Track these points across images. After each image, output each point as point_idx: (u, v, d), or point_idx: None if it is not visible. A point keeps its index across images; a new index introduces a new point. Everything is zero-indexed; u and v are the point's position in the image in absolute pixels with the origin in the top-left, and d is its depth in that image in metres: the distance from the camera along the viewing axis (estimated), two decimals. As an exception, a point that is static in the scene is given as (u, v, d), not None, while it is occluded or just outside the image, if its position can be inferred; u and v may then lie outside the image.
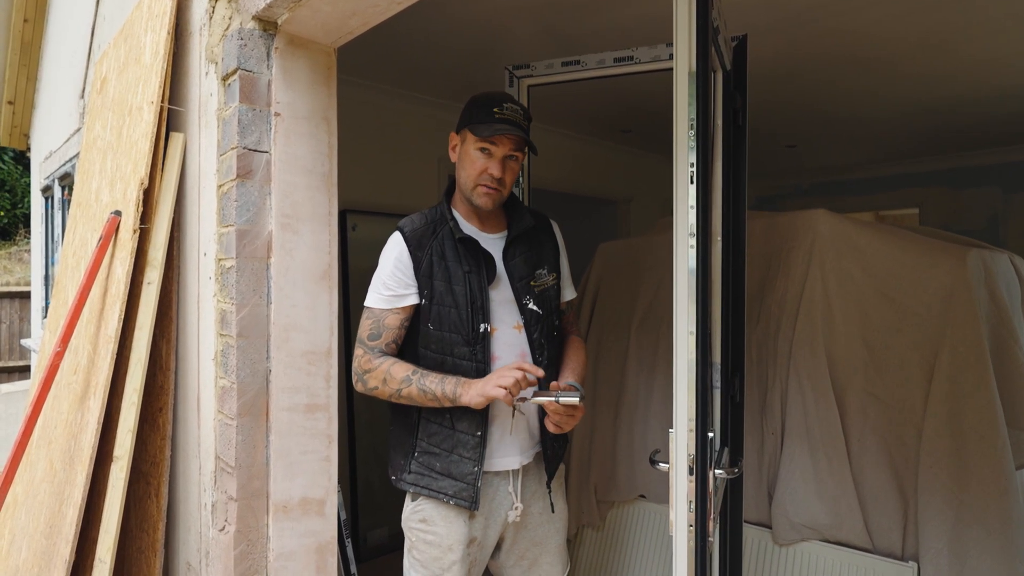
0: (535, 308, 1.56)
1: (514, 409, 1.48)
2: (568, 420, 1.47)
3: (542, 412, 1.55)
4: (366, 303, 1.51)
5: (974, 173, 5.10)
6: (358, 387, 1.50)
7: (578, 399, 1.41)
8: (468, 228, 1.56)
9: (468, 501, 1.47)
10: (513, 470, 1.55)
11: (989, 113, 3.90)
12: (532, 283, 1.57)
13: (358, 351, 1.50)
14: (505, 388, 1.34)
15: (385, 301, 1.49)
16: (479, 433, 1.47)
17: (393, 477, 1.57)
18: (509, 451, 1.54)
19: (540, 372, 1.40)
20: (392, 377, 1.44)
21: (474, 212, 1.57)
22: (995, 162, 4.98)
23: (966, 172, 5.13)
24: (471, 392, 1.38)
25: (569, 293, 1.74)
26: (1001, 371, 1.96)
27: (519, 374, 1.36)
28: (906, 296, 2.08)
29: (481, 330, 1.48)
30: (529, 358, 1.55)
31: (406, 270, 1.48)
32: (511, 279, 1.55)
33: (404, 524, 1.57)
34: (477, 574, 1.57)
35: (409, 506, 1.56)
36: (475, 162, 1.49)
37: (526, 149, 1.54)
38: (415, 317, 1.51)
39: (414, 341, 1.52)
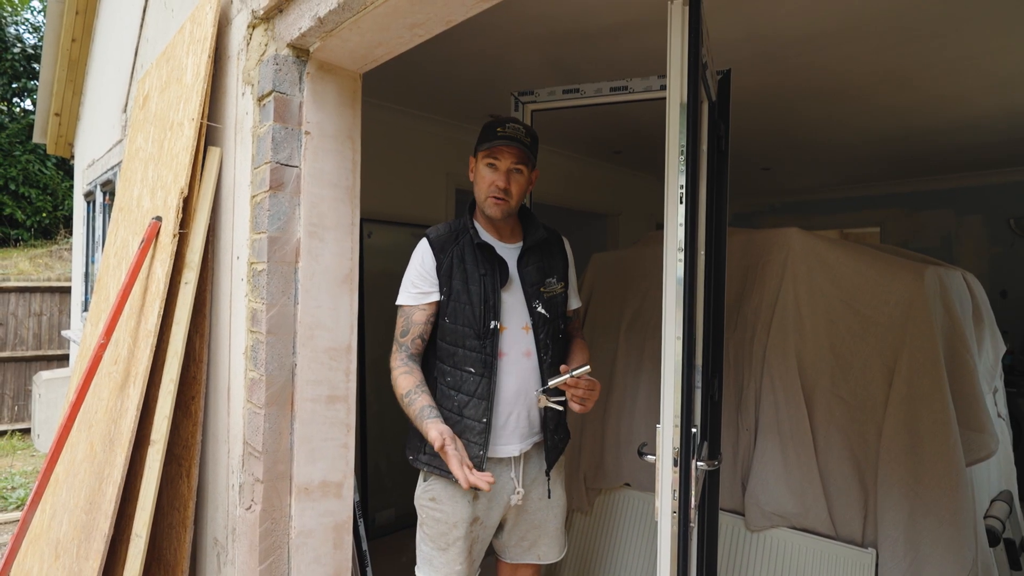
0: (543, 311, 1.59)
1: (538, 399, 1.55)
2: (590, 394, 1.50)
3: (545, 411, 1.59)
4: (398, 302, 1.58)
5: (930, 196, 5.14)
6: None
7: (588, 369, 1.47)
8: (487, 237, 1.61)
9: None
10: (515, 457, 1.57)
11: (944, 142, 3.94)
12: (542, 289, 1.61)
13: (394, 347, 1.56)
14: (441, 445, 1.33)
15: (412, 298, 1.55)
16: (484, 420, 1.51)
17: (411, 457, 1.61)
18: (511, 439, 1.56)
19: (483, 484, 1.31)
20: (397, 386, 1.51)
21: (492, 224, 1.62)
22: (949, 187, 5.02)
23: (923, 196, 5.17)
24: (433, 428, 1.37)
25: (575, 302, 1.77)
26: (953, 377, 1.98)
27: (449, 451, 1.33)
28: (869, 307, 2.10)
29: (491, 327, 1.52)
30: (535, 356, 1.58)
31: (430, 270, 1.54)
32: (523, 283, 1.59)
33: (416, 502, 1.60)
34: (480, 550, 1.59)
35: (421, 486, 1.59)
36: (484, 177, 1.56)
37: (534, 167, 1.60)
38: (437, 313, 1.56)
39: (435, 333, 1.57)
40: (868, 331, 2.08)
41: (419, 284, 1.55)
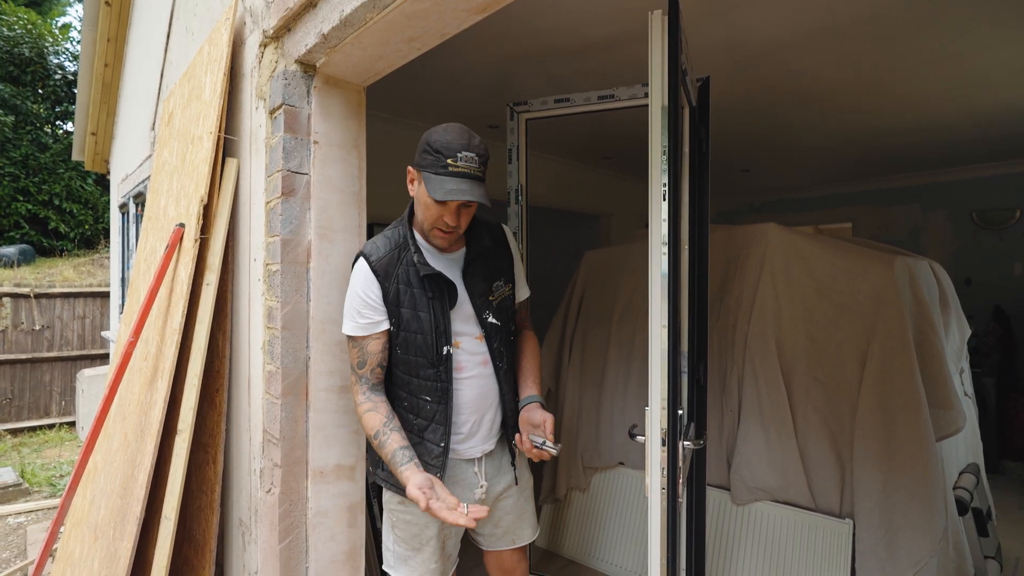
0: (494, 321, 1.42)
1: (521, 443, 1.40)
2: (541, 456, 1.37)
3: (506, 412, 1.44)
4: (344, 331, 1.36)
5: (898, 193, 5.09)
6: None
7: (555, 451, 1.34)
8: (427, 249, 1.38)
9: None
10: (477, 457, 1.44)
11: (911, 142, 3.89)
12: (490, 297, 1.42)
13: (352, 378, 1.37)
14: (424, 502, 1.16)
15: (363, 328, 1.33)
16: (442, 444, 1.36)
17: (369, 468, 1.50)
18: (474, 443, 1.43)
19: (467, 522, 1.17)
20: (365, 425, 1.32)
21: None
22: (916, 184, 4.97)
23: (892, 192, 5.12)
24: (410, 482, 1.21)
25: (523, 293, 1.55)
26: (923, 358, 1.95)
27: (435, 508, 1.18)
28: (843, 295, 2.07)
29: (444, 352, 1.35)
30: (491, 365, 1.42)
31: (376, 300, 1.32)
32: (471, 296, 1.39)
33: (386, 506, 1.47)
34: (453, 545, 1.49)
35: (387, 493, 1.46)
36: (429, 208, 1.30)
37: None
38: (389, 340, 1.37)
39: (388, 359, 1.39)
40: (842, 317, 2.06)
41: (367, 314, 1.32)
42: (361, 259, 1.35)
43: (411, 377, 1.37)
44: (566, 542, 2.64)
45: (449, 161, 1.25)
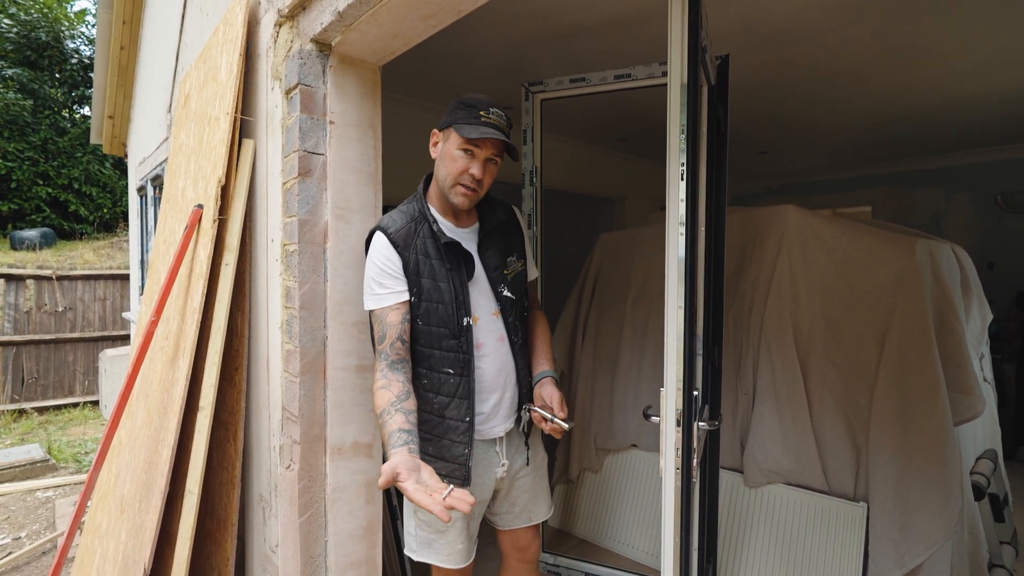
0: (509, 295, 1.43)
1: (532, 414, 1.43)
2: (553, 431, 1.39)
3: (521, 389, 1.46)
4: (366, 307, 1.35)
5: (920, 176, 4.97)
6: None
7: (566, 426, 1.36)
8: (444, 224, 1.40)
9: (461, 479, 1.36)
10: (499, 436, 1.46)
11: (935, 122, 3.79)
12: (505, 271, 1.44)
13: (373, 357, 1.38)
14: (389, 480, 1.08)
15: (382, 299, 1.32)
16: (467, 419, 1.36)
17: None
18: (496, 422, 1.44)
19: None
20: (375, 403, 1.27)
21: (449, 208, 1.41)
22: (939, 166, 4.85)
23: (913, 175, 5.01)
24: (391, 459, 1.12)
25: (532, 273, 1.57)
26: (943, 342, 1.92)
27: (408, 487, 1.08)
28: (862, 278, 2.04)
29: (465, 323, 1.35)
30: (507, 341, 1.43)
31: (396, 268, 1.32)
32: (486, 270, 1.41)
33: None
34: (475, 525, 1.50)
35: None
36: (456, 161, 1.32)
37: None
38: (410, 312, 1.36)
39: None
40: (861, 301, 2.03)
41: (387, 283, 1.32)
42: (378, 232, 1.35)
43: (432, 350, 1.35)
44: (578, 522, 2.67)
45: (481, 113, 1.30)
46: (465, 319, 1.36)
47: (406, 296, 1.33)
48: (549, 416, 1.37)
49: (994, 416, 2.55)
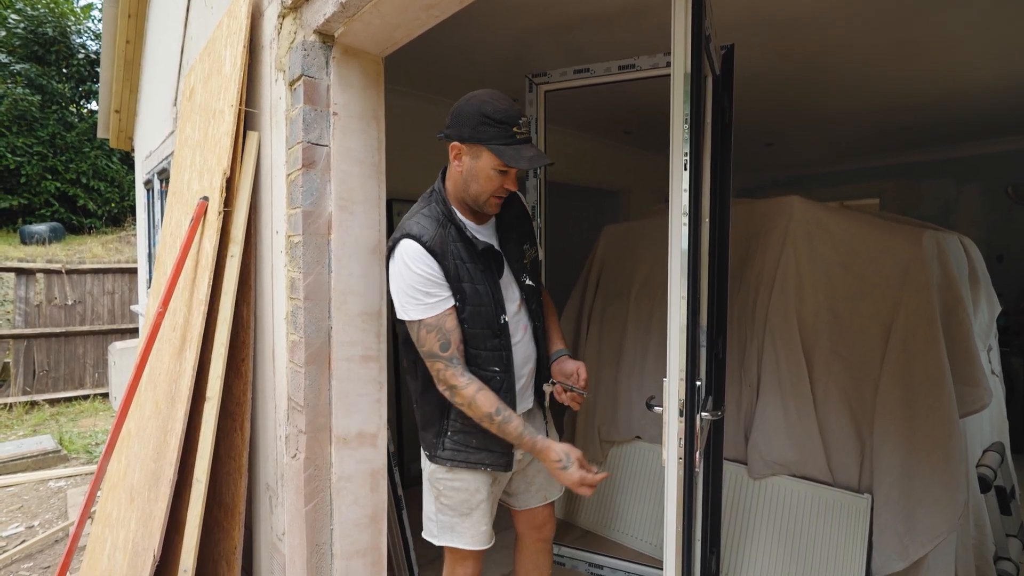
0: (530, 283, 1.48)
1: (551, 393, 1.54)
2: (572, 402, 1.50)
3: (540, 370, 1.53)
4: (413, 317, 1.33)
5: (929, 167, 4.92)
6: (445, 395, 1.36)
7: (585, 394, 1.50)
8: (471, 226, 1.42)
9: (504, 466, 1.44)
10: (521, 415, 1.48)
11: (944, 112, 3.74)
12: (524, 260, 1.49)
13: (438, 365, 1.33)
14: (584, 483, 1.31)
15: (433, 308, 1.32)
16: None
17: (427, 453, 1.48)
18: (522, 403, 1.49)
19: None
20: (477, 406, 1.31)
21: (468, 207, 1.43)
22: (949, 157, 4.79)
23: (922, 166, 4.95)
24: (551, 454, 1.33)
25: (539, 254, 1.62)
26: (950, 334, 1.91)
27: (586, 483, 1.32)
28: (868, 270, 2.03)
29: (502, 321, 1.40)
30: (530, 329, 1.48)
31: (440, 278, 1.33)
32: (509, 262, 1.46)
33: (429, 478, 1.48)
34: (495, 506, 1.54)
35: (431, 465, 1.47)
36: (492, 180, 1.33)
37: None
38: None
39: None
40: (867, 292, 2.02)
41: (435, 292, 1.32)
42: (411, 241, 1.33)
43: (478, 351, 1.38)
44: (582, 513, 2.69)
45: (515, 130, 1.29)
46: (502, 317, 1.41)
47: (452, 302, 1.35)
48: (569, 385, 1.46)
49: (1002, 409, 2.53)
